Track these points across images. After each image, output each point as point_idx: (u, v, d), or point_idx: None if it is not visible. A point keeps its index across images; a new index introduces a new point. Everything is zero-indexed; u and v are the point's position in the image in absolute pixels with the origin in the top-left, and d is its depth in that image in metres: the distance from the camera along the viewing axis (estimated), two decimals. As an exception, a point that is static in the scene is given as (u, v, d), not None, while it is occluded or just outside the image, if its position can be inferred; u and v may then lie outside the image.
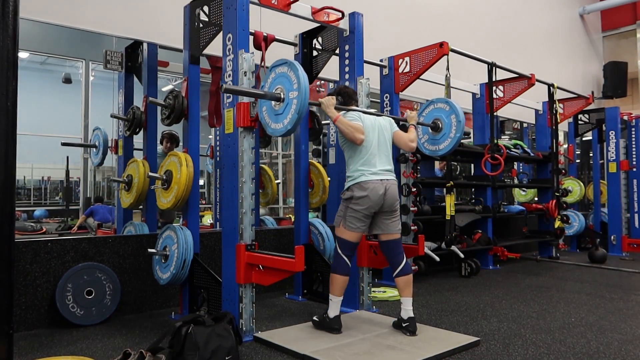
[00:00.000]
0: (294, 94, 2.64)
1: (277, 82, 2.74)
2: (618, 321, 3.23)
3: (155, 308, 3.58)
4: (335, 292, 2.92)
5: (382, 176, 2.93)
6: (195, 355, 2.20)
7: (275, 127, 2.74)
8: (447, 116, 3.65)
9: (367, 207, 2.87)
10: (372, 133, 2.98)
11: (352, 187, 2.91)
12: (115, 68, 4.16)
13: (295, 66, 2.66)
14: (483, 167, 5.18)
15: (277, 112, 2.72)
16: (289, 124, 2.65)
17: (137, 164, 3.81)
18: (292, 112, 2.63)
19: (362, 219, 2.90)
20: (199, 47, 3.26)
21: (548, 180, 6.19)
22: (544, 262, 5.76)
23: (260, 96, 2.76)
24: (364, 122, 2.96)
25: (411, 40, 4.88)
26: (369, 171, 2.91)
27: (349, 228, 2.92)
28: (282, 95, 2.70)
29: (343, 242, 2.96)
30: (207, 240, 3.81)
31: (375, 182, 2.88)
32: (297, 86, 2.62)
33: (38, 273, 3.10)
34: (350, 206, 2.90)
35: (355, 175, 2.93)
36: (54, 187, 10.20)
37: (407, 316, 2.88)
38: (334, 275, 2.94)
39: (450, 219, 4.48)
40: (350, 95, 3.14)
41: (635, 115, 7.55)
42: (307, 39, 3.95)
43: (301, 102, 2.57)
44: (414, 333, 2.83)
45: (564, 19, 10.22)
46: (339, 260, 2.95)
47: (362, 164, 2.93)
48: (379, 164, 2.95)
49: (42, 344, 2.77)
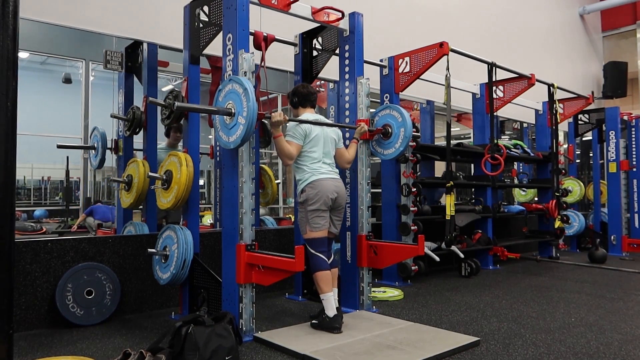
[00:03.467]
0: (244, 110, 2.68)
1: (228, 98, 2.79)
2: (618, 321, 3.23)
3: (155, 308, 3.58)
4: (324, 289, 2.98)
5: (330, 175, 3.14)
6: (195, 355, 2.20)
7: (228, 140, 2.79)
8: (397, 127, 3.71)
9: (323, 202, 3.04)
10: (319, 143, 3.14)
11: (305, 188, 3.08)
12: (115, 68, 4.16)
13: (242, 81, 2.70)
14: (483, 167, 5.19)
15: (229, 125, 2.78)
16: (239, 138, 2.71)
17: (137, 164, 3.81)
18: (241, 126, 2.69)
19: (322, 215, 3.06)
20: (199, 47, 3.26)
21: (548, 180, 6.19)
22: (544, 262, 5.76)
23: (213, 112, 2.83)
24: (310, 133, 3.10)
25: (411, 40, 4.88)
26: (318, 171, 3.10)
27: (313, 229, 3.05)
28: (232, 110, 2.75)
29: (314, 241, 3.06)
30: (207, 240, 3.82)
31: (325, 180, 3.08)
32: (246, 102, 2.67)
33: (38, 273, 3.10)
34: (309, 208, 3.05)
35: (305, 177, 3.11)
36: (54, 187, 10.19)
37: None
38: (317, 274, 3.01)
39: (450, 219, 4.47)
40: (305, 97, 3.24)
41: (635, 115, 7.55)
42: (307, 39, 3.95)
43: (250, 117, 2.64)
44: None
45: (564, 19, 10.22)
46: (316, 260, 3.03)
47: (311, 168, 3.12)
48: (325, 170, 3.14)
49: (42, 344, 2.77)
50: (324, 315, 2.95)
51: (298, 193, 3.19)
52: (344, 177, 3.63)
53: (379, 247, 3.49)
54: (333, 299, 2.98)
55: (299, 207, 3.17)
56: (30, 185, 10.08)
